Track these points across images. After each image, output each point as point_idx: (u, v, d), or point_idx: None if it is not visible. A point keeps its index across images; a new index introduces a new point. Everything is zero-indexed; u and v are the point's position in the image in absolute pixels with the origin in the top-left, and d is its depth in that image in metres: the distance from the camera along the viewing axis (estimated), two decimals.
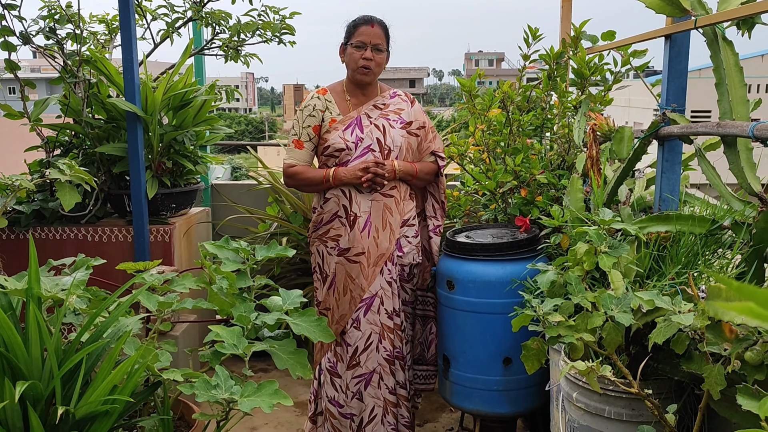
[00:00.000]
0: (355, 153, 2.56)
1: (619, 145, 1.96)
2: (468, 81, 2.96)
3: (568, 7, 3.52)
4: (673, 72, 1.92)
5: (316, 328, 1.57)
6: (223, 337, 1.41)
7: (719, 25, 1.68)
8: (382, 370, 2.61)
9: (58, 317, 1.26)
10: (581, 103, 2.56)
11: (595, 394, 1.78)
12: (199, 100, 3.34)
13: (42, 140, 3.25)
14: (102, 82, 3.25)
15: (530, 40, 2.92)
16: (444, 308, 2.63)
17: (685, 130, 1.74)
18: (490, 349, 2.52)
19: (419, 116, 2.70)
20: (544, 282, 1.53)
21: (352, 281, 2.58)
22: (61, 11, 3.22)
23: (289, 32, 3.70)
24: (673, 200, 1.96)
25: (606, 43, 2.69)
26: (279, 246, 1.78)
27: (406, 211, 2.65)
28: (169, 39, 3.44)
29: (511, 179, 2.79)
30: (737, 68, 1.62)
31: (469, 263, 2.54)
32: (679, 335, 1.29)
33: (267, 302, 1.59)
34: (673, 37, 1.90)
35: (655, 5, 1.78)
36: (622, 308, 1.34)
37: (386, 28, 2.61)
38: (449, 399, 2.67)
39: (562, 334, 1.35)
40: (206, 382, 1.22)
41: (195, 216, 3.61)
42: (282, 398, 1.22)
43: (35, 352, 1.15)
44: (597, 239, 1.44)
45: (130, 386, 1.15)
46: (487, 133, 2.99)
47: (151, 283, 1.65)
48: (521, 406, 2.57)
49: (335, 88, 2.67)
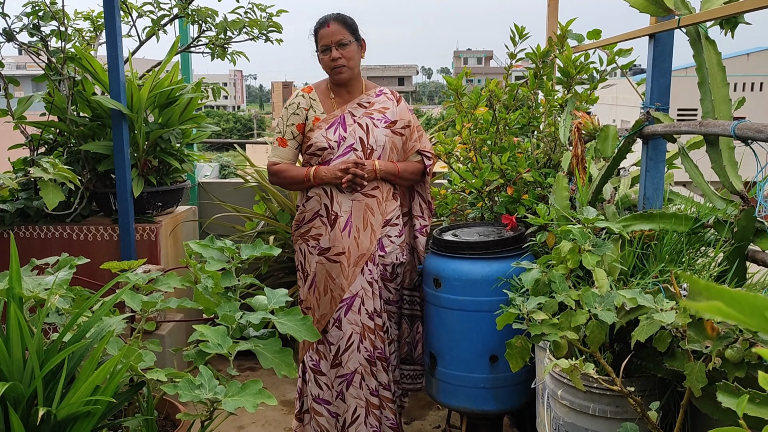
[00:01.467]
0: (338, 152, 2.55)
1: (604, 144, 1.97)
2: (455, 80, 2.96)
3: (555, 6, 3.54)
4: (657, 71, 1.93)
5: (301, 327, 1.56)
6: (207, 337, 1.41)
7: (702, 24, 1.69)
8: (363, 371, 2.60)
9: (40, 317, 1.25)
10: (567, 102, 2.57)
11: (580, 392, 1.79)
12: (185, 98, 3.32)
13: (26, 138, 3.22)
14: (87, 79, 3.22)
15: (516, 39, 2.92)
16: (431, 306, 2.64)
17: (668, 129, 1.75)
18: (476, 347, 2.53)
19: (404, 115, 2.68)
20: (529, 280, 1.54)
21: (333, 281, 2.57)
22: (46, 8, 3.18)
23: (276, 30, 3.68)
24: (657, 198, 1.97)
25: (591, 42, 2.70)
26: (265, 245, 1.78)
27: (389, 211, 2.64)
28: (155, 36, 3.41)
29: (498, 178, 2.80)
30: (720, 67, 1.63)
31: (455, 261, 2.54)
32: (662, 333, 1.30)
33: (252, 302, 1.59)
34: (657, 36, 1.91)
35: (639, 4, 1.79)
36: (606, 306, 1.35)
37: (344, 21, 2.55)
38: (436, 397, 2.68)
39: (546, 332, 1.36)
40: (190, 382, 1.21)
41: (181, 214, 3.59)
42: (266, 398, 1.22)
43: (16, 353, 1.14)
44: (581, 238, 1.45)
45: (112, 386, 1.14)
46: (473, 132, 2.99)
47: (136, 282, 1.64)
48: (507, 404, 2.57)
49: (320, 86, 2.66)
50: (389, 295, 2.71)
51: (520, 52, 2.98)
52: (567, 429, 1.88)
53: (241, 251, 1.69)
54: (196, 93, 3.35)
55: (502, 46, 3.00)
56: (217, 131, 3.69)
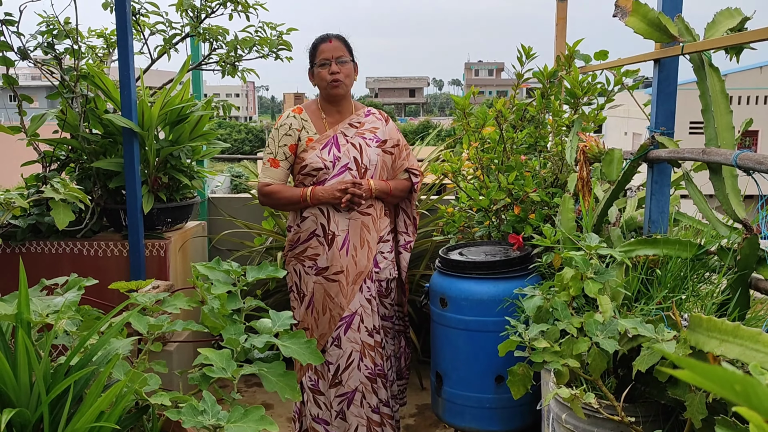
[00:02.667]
0: (333, 172, 2.57)
1: (609, 168, 1.97)
2: (462, 99, 2.98)
3: (563, 25, 3.55)
4: (662, 96, 1.94)
5: (305, 351, 1.58)
6: (212, 360, 1.42)
7: (706, 52, 1.70)
8: (364, 389, 2.61)
9: (48, 341, 1.27)
10: (574, 122, 2.58)
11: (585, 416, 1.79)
12: (196, 116, 3.36)
13: (39, 155, 3.27)
14: (99, 97, 3.27)
15: (524, 59, 2.94)
16: (437, 325, 2.65)
17: (672, 155, 1.76)
18: (482, 367, 2.53)
19: (393, 134, 2.73)
20: (531, 307, 1.54)
21: (331, 300, 2.58)
22: (60, 27, 3.24)
23: (286, 48, 3.73)
24: (662, 222, 1.97)
25: (599, 63, 2.71)
26: (270, 267, 1.79)
27: (382, 228, 2.68)
28: (167, 55, 3.46)
29: (505, 197, 2.81)
30: (723, 95, 1.64)
31: (462, 281, 2.55)
32: (662, 363, 1.30)
33: (257, 324, 1.60)
34: (662, 61, 1.92)
35: (644, 31, 1.80)
36: (608, 334, 1.35)
37: (345, 41, 2.62)
38: (441, 416, 2.68)
39: (548, 359, 1.36)
40: (193, 408, 1.23)
41: (191, 230, 3.63)
42: (268, 424, 1.23)
43: (23, 378, 1.16)
44: (583, 265, 1.46)
45: (117, 412, 1.16)
46: (480, 151, 3.01)
47: (143, 305, 1.66)
48: (512, 425, 2.57)
49: (310, 106, 2.68)
50: (385, 311, 2.73)
51: (527, 71, 3.00)
52: None
53: (247, 274, 1.71)
54: (206, 110, 3.39)
55: (513, 57, 3.01)
56: (226, 147, 3.73)
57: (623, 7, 1.80)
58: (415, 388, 3.65)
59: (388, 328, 2.75)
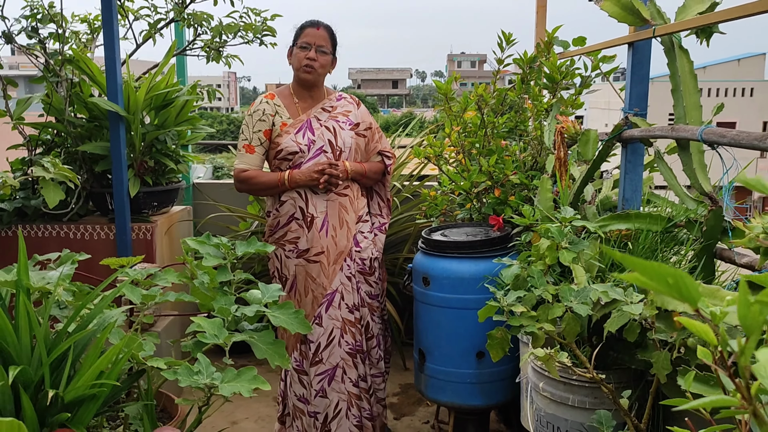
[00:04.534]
0: (308, 155, 2.63)
1: (585, 147, 2.06)
2: (444, 84, 3.05)
3: (543, 13, 3.63)
4: (636, 77, 2.02)
5: (294, 320, 1.64)
6: (204, 328, 1.48)
7: (677, 34, 1.78)
8: (344, 364, 2.68)
9: (47, 308, 1.32)
10: (552, 107, 2.66)
11: (560, 384, 1.88)
12: (181, 100, 3.39)
13: (24, 139, 3.28)
14: (84, 81, 3.28)
15: (504, 45, 3.01)
16: (419, 304, 2.72)
17: (644, 133, 1.84)
18: (463, 344, 2.61)
19: (365, 117, 2.80)
20: (509, 276, 1.62)
21: (313, 281, 2.65)
22: (44, 11, 3.25)
23: (271, 34, 3.76)
24: (635, 200, 2.06)
25: (576, 49, 2.79)
26: (258, 242, 1.85)
27: (360, 208, 2.75)
28: (151, 39, 3.48)
29: (485, 180, 2.88)
30: (692, 75, 1.72)
31: (443, 260, 2.62)
32: (632, 324, 1.38)
33: (247, 296, 1.66)
34: (635, 44, 2.00)
35: (617, 14, 1.88)
36: (581, 300, 1.43)
37: (332, 33, 2.69)
38: (424, 392, 2.76)
39: (525, 324, 1.44)
40: (189, 369, 1.29)
41: (176, 214, 3.66)
42: (260, 383, 1.29)
43: (25, 340, 1.21)
44: (558, 236, 1.54)
45: (116, 371, 1.21)
46: (462, 135, 3.08)
47: (134, 277, 1.71)
48: (494, 399, 2.66)
49: (283, 92, 2.74)
50: (370, 289, 2.78)
51: (507, 57, 3.07)
52: (548, 420, 1.96)
53: (237, 248, 1.77)
54: (191, 95, 3.42)
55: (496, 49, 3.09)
56: (212, 133, 3.76)
57: None
58: (399, 368, 3.74)
59: (375, 307, 2.81)
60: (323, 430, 2.68)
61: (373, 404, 2.80)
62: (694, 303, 0.48)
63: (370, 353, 2.80)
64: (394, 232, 3.83)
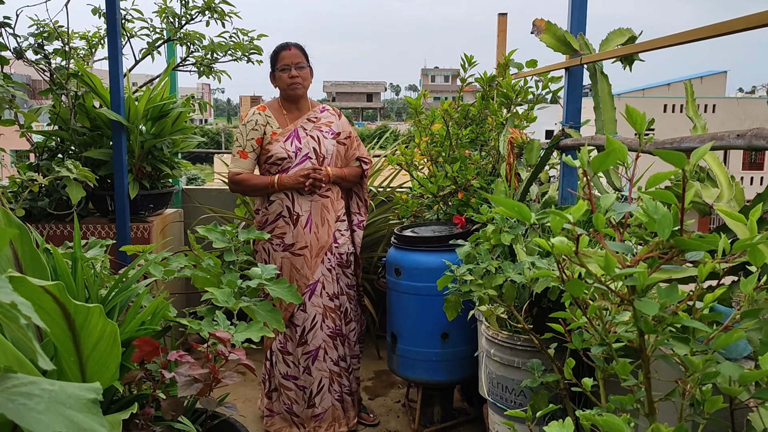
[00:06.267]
0: (295, 161, 2.99)
1: (530, 154, 2.45)
2: (414, 100, 3.44)
3: (503, 37, 4.07)
4: (571, 96, 2.44)
5: (287, 293, 2.00)
6: (216, 296, 1.83)
7: (599, 63, 2.19)
8: (326, 346, 3.04)
9: (95, 274, 1.67)
10: (507, 120, 3.07)
11: (507, 349, 2.27)
12: (176, 112, 3.73)
13: (32, 145, 3.59)
14: (88, 93, 3.61)
15: (467, 66, 3.42)
16: (392, 292, 3.09)
17: (575, 142, 2.25)
18: (430, 326, 2.98)
19: (346, 127, 3.17)
20: (462, 252, 2.00)
21: (298, 272, 3.00)
22: (51, 29, 3.58)
23: (257, 52, 4.13)
24: (571, 198, 2.47)
25: (529, 70, 3.21)
26: (255, 230, 2.21)
27: (339, 208, 3.11)
28: (150, 56, 3.83)
29: (450, 184, 3.28)
30: (609, 96, 2.14)
31: (413, 253, 3.00)
32: (554, 287, 1.77)
33: (249, 272, 2.02)
34: (571, 69, 2.42)
35: (553, 45, 2.29)
36: (517, 271, 1.82)
37: (302, 49, 3.05)
38: (396, 370, 3.12)
39: (473, 289, 1.82)
40: (209, 322, 1.64)
41: (170, 216, 3.99)
42: (267, 333, 1.65)
43: (81, 298, 1.55)
44: (501, 221, 1.92)
45: (156, 320, 1.56)
46: (430, 145, 3.47)
47: (154, 261, 2.06)
48: (456, 375, 3.02)
49: (272, 105, 3.10)
50: (348, 280, 3.15)
51: (470, 77, 3.48)
52: (498, 381, 2.34)
53: (239, 234, 2.12)
54: (185, 107, 3.77)
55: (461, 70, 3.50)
56: (204, 141, 4.10)
57: (538, 26, 2.29)
58: (373, 358, 4.10)
59: (352, 296, 3.18)
60: (309, 404, 3.03)
61: (352, 381, 3.16)
62: (529, 219, 0.85)
63: (349, 336, 3.15)
64: (370, 233, 4.20)
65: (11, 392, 0.71)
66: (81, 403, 0.75)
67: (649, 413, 0.90)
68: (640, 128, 0.97)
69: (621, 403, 1.00)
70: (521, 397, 2.28)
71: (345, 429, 3.10)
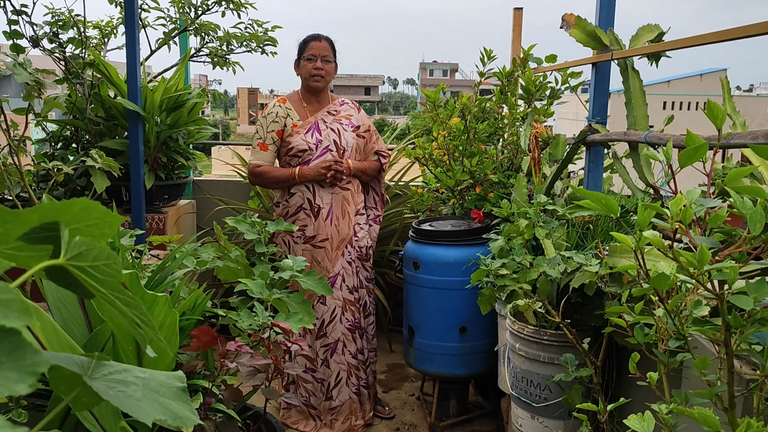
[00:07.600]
0: (316, 153, 2.99)
1: (556, 149, 2.45)
2: (433, 93, 3.44)
3: (519, 32, 4.06)
4: (598, 92, 2.43)
5: (318, 285, 2.00)
6: (250, 287, 1.83)
7: (629, 58, 2.19)
8: (345, 339, 3.04)
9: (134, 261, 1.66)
10: (527, 115, 3.07)
11: (533, 343, 2.27)
12: (191, 102, 3.72)
13: (47, 134, 3.57)
14: (103, 83, 3.59)
15: (486, 60, 3.42)
16: (410, 286, 3.09)
17: (604, 138, 2.25)
18: (448, 320, 2.99)
19: (365, 121, 3.18)
20: (495, 247, 2.00)
21: (318, 264, 3.00)
22: (67, 18, 3.55)
23: (272, 44, 4.11)
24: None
25: (549, 65, 3.20)
26: (284, 222, 2.21)
27: (359, 202, 3.11)
28: (166, 46, 3.81)
29: (468, 178, 3.28)
30: (641, 91, 2.14)
31: (432, 247, 3.00)
32: (590, 282, 1.78)
33: (280, 265, 2.01)
34: (597, 65, 2.41)
35: (583, 40, 2.29)
36: (551, 266, 1.82)
37: (332, 43, 3.06)
38: (413, 364, 3.13)
39: (508, 284, 1.82)
40: (248, 313, 1.64)
41: (183, 207, 3.98)
42: (306, 323, 1.65)
43: None
44: (534, 216, 1.92)
45: (198, 311, 1.56)
46: (447, 139, 3.47)
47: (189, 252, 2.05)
48: (474, 369, 3.04)
49: (293, 97, 3.10)
50: (367, 274, 3.15)
51: (488, 71, 3.48)
52: (523, 375, 2.35)
53: (268, 226, 2.12)
54: (200, 98, 3.75)
55: (468, 59, 3.53)
56: (217, 132, 4.08)
57: (568, 21, 2.28)
58: (386, 351, 4.10)
59: (371, 289, 3.18)
60: (327, 396, 3.04)
61: (369, 374, 3.16)
62: (616, 212, 0.85)
63: (367, 330, 3.16)
64: (383, 227, 4.19)
65: (108, 379, 0.71)
66: (172, 390, 0.75)
67: (729, 407, 0.91)
68: (720, 123, 0.97)
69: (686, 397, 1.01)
70: (546, 391, 2.29)
71: (361, 422, 3.11)
